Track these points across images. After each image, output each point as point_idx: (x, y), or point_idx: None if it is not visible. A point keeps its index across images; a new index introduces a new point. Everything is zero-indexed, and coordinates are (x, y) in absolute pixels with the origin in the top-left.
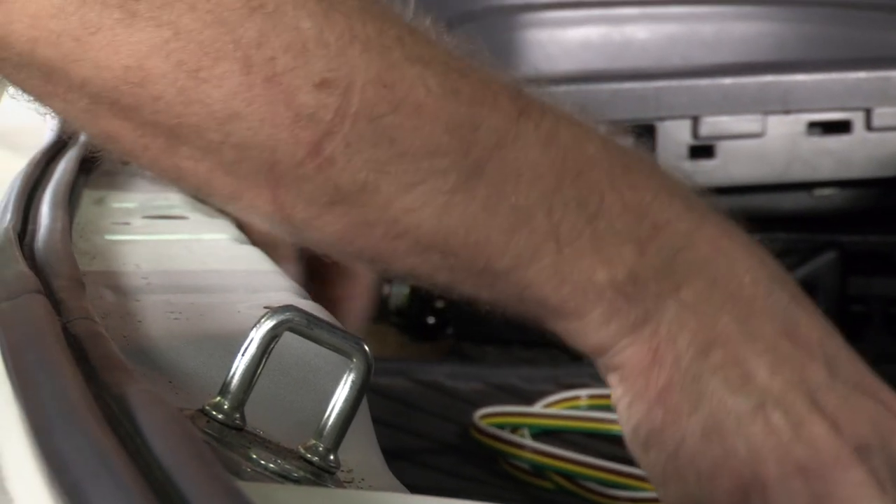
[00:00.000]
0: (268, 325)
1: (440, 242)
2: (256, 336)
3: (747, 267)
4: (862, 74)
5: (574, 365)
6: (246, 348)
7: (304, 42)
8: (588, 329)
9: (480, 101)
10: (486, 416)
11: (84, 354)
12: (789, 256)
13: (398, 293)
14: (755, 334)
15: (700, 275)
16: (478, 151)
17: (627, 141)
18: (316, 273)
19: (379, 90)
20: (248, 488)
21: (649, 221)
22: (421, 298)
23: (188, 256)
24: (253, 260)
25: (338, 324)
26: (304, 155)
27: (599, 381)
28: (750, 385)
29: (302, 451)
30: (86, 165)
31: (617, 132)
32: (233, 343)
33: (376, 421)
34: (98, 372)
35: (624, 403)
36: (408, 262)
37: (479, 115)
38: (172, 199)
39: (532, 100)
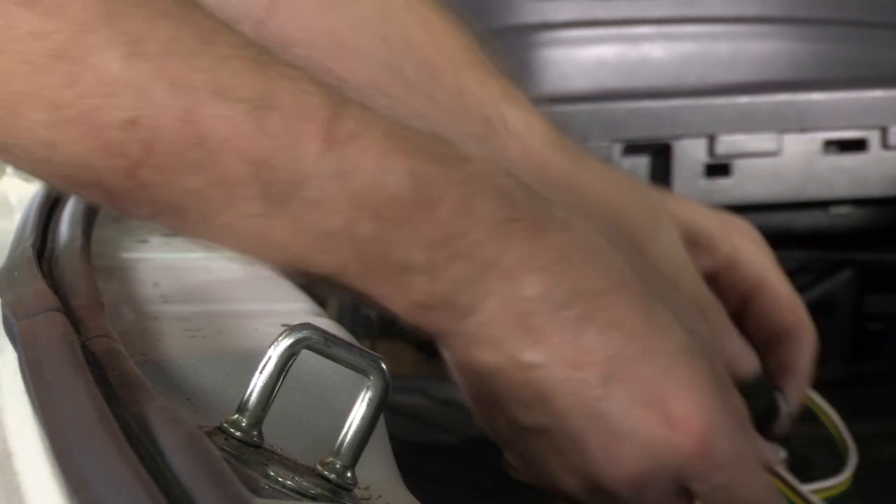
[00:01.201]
0: (285, 343)
1: (260, 255)
2: (274, 354)
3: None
4: (878, 93)
5: None
6: (264, 366)
7: (110, 83)
8: None
9: (286, 134)
10: None
11: (103, 372)
12: (805, 274)
13: None
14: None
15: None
16: (280, 186)
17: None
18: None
19: (183, 127)
20: None
21: (446, 252)
22: None
23: (205, 274)
24: (267, 275)
25: (355, 342)
26: (122, 177)
27: None
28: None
29: (319, 468)
30: None
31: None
32: (251, 361)
33: (393, 438)
34: (116, 390)
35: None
36: None
37: (283, 152)
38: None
39: (346, 125)
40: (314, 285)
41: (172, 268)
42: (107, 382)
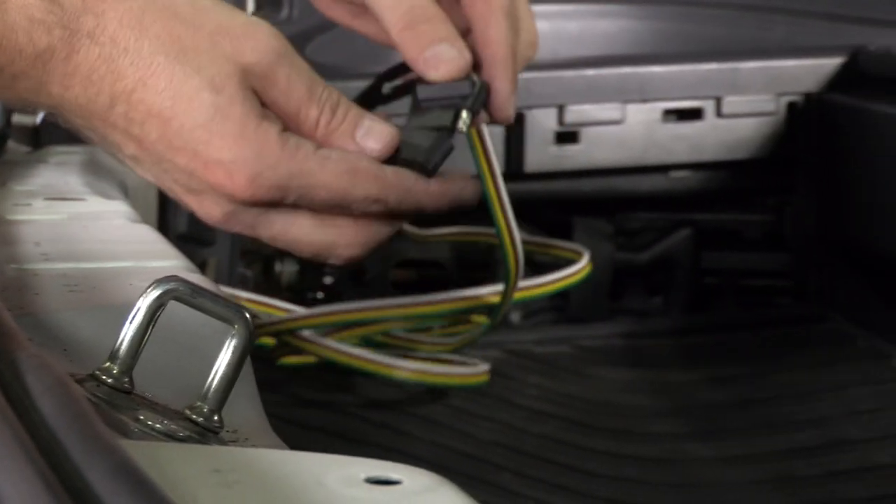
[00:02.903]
0: (153, 294)
1: None
2: (143, 304)
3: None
4: (712, 66)
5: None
6: (133, 316)
7: None
8: None
9: None
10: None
11: None
12: (648, 233)
13: (289, 270)
14: None
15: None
16: None
17: None
18: None
19: None
20: (134, 447)
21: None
22: (311, 274)
23: (85, 234)
24: (145, 237)
25: (222, 293)
26: None
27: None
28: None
29: (188, 412)
30: None
31: None
32: (125, 313)
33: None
34: None
35: None
36: None
37: None
38: (72, 183)
39: None
40: None
41: (54, 228)
42: None
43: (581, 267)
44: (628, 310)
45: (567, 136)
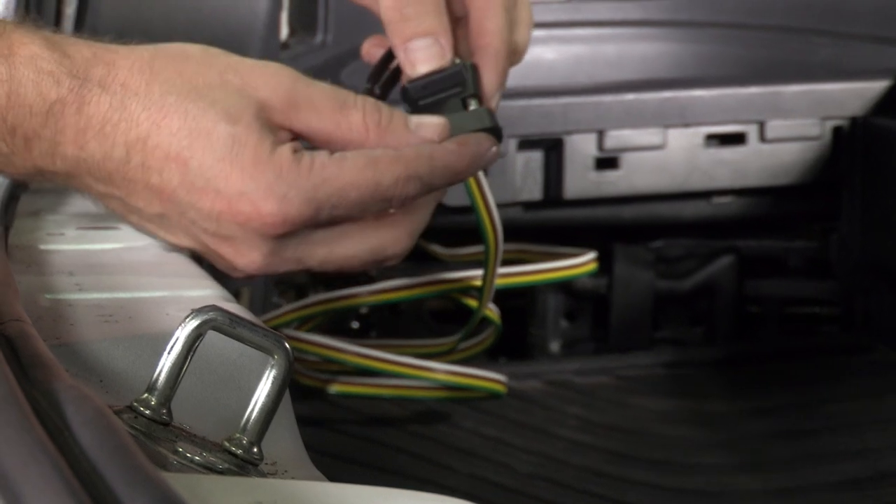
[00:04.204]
0: (192, 324)
1: None
2: (181, 335)
3: None
4: (755, 90)
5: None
6: (171, 347)
7: None
8: None
9: None
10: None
11: (15, 354)
12: (690, 260)
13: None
14: None
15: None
16: None
17: None
18: None
19: None
20: (174, 479)
21: (20, 138)
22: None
23: (118, 263)
24: (180, 266)
25: (260, 323)
26: None
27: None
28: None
29: (227, 444)
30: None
31: None
32: (161, 343)
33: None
34: (27, 370)
35: None
36: None
37: None
38: (104, 212)
39: None
40: None
41: (87, 258)
42: (18, 363)
43: (585, 260)
44: (670, 339)
45: (607, 162)
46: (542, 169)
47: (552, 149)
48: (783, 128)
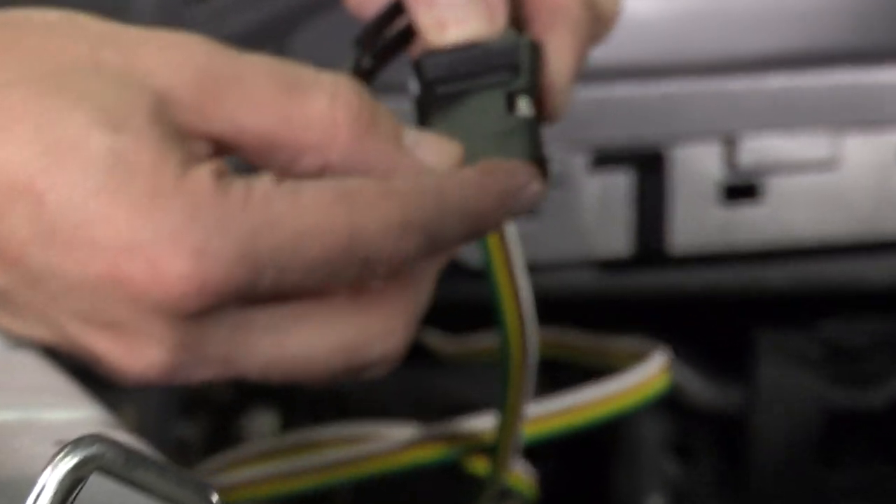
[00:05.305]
0: (66, 465)
1: None
2: (50, 482)
3: None
4: None
5: None
6: (36, 499)
7: None
8: None
9: None
10: None
11: None
12: (882, 357)
13: (265, 423)
14: None
15: None
16: None
17: None
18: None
19: None
20: None
21: None
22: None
23: None
24: (33, 371)
25: (165, 462)
26: None
27: None
28: None
29: None
30: None
31: None
32: (13, 493)
33: None
34: None
35: None
36: None
37: None
38: None
39: None
40: None
41: None
42: None
43: (654, 372)
44: (853, 490)
45: (741, 191)
46: (632, 203)
47: (648, 169)
48: None
